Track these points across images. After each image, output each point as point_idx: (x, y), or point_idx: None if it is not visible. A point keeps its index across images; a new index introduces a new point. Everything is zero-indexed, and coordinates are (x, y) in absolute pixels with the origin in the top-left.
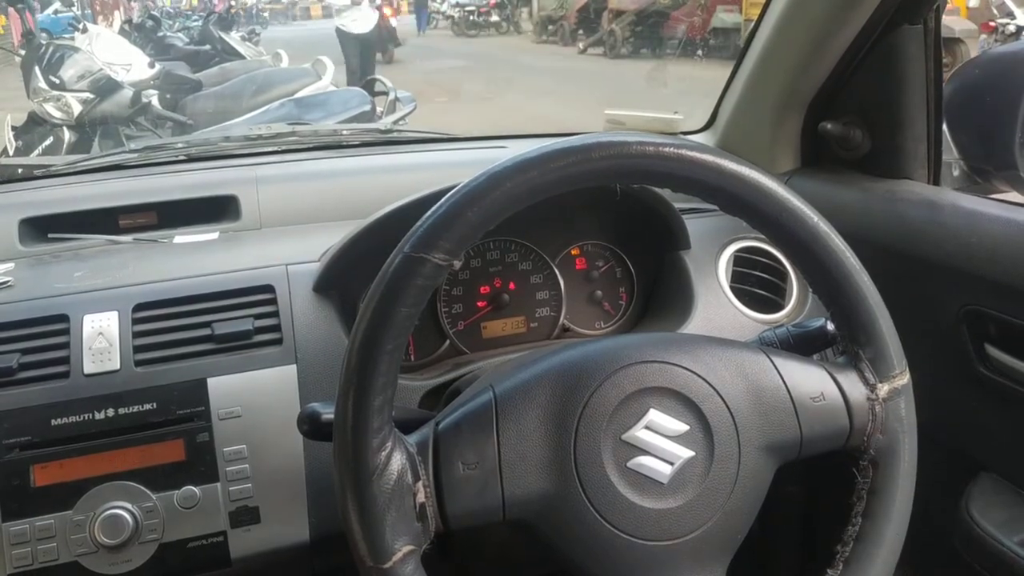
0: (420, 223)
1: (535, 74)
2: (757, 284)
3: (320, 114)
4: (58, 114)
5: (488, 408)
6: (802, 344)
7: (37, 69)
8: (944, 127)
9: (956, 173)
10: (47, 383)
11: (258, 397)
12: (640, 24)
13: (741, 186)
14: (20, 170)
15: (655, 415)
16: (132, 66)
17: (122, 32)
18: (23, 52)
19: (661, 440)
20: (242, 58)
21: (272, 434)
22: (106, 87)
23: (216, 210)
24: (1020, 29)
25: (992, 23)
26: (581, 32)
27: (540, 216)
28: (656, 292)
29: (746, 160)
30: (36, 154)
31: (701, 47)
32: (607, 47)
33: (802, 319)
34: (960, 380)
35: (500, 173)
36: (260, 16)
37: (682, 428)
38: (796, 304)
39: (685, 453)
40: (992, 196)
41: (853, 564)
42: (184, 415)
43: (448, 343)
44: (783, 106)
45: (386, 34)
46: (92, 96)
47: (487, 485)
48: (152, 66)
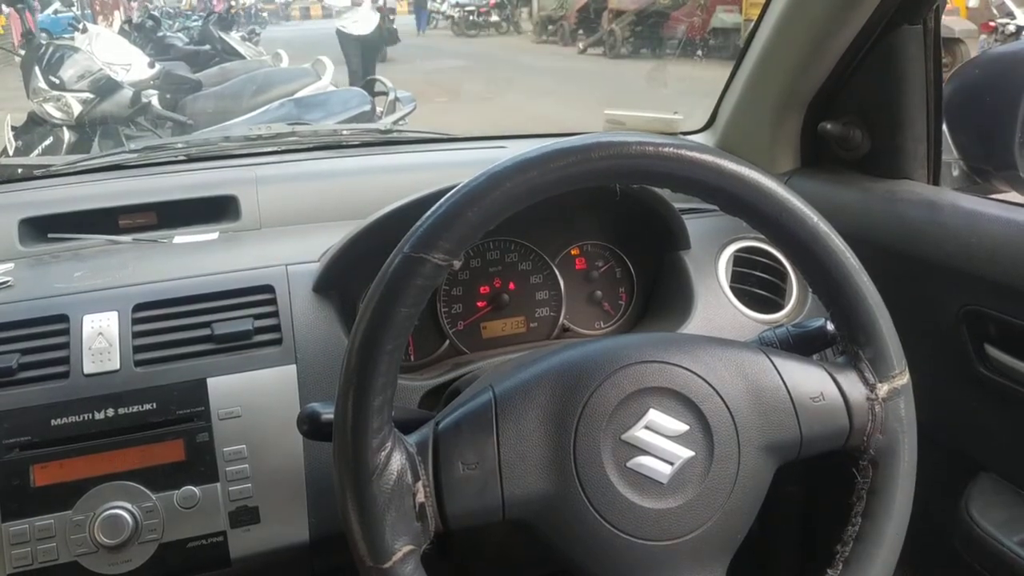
0: (420, 223)
1: (535, 74)
2: (757, 284)
3: (320, 114)
4: (58, 114)
5: (488, 408)
6: (802, 344)
7: (37, 69)
8: (944, 127)
9: (956, 173)
10: (47, 383)
11: (258, 397)
12: (640, 24)
13: (741, 186)
14: (20, 170)
15: (655, 415)
16: (132, 66)
17: (122, 32)
18: (23, 52)
19: (661, 440)
20: (242, 58)
21: (272, 434)
22: (106, 87)
23: (216, 210)
24: (1020, 29)
25: (992, 23)
26: (581, 32)
27: (540, 216)
28: (656, 292)
29: (746, 160)
30: (36, 154)
31: (701, 47)
32: (607, 47)
33: (802, 319)
34: (960, 380)
35: (500, 173)
36: (259, 16)
37: (682, 428)
38: (796, 304)
39: (685, 453)
40: (992, 196)
41: (853, 564)
42: (184, 415)
43: (448, 343)
44: (783, 106)
45: (387, 35)
46: (92, 96)
47: (487, 485)
48: (152, 66)
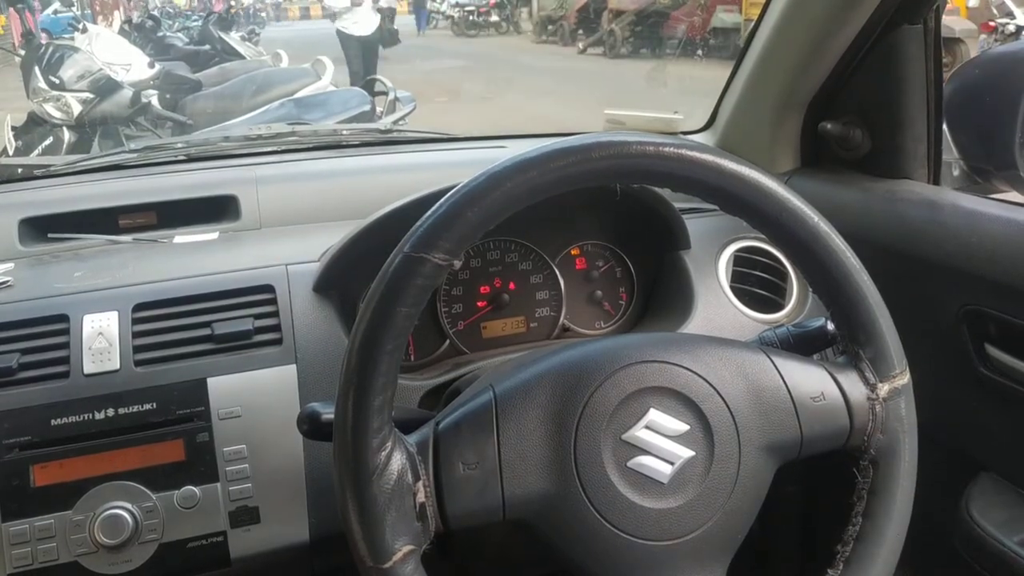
0: (420, 223)
1: (535, 74)
2: (757, 284)
3: (320, 114)
4: (58, 114)
5: (488, 408)
6: (802, 344)
7: (37, 69)
8: (944, 127)
9: (956, 173)
10: (47, 383)
11: (258, 397)
12: (640, 24)
13: (741, 186)
14: (20, 170)
15: (655, 415)
16: (132, 66)
17: (122, 32)
18: (23, 52)
19: (661, 440)
20: (242, 58)
21: (272, 434)
22: (106, 87)
23: (216, 210)
24: (1020, 29)
25: (992, 23)
26: (581, 32)
27: (540, 216)
28: (656, 292)
29: (746, 160)
30: (36, 154)
31: (701, 47)
32: (607, 47)
33: (802, 319)
34: (960, 380)
35: (500, 173)
36: (258, 16)
37: (682, 428)
38: (796, 304)
39: (685, 453)
40: (992, 196)
41: (853, 564)
42: (184, 415)
43: (448, 343)
44: (783, 106)
45: (387, 36)
46: (92, 96)
47: (487, 485)
48: (152, 66)
